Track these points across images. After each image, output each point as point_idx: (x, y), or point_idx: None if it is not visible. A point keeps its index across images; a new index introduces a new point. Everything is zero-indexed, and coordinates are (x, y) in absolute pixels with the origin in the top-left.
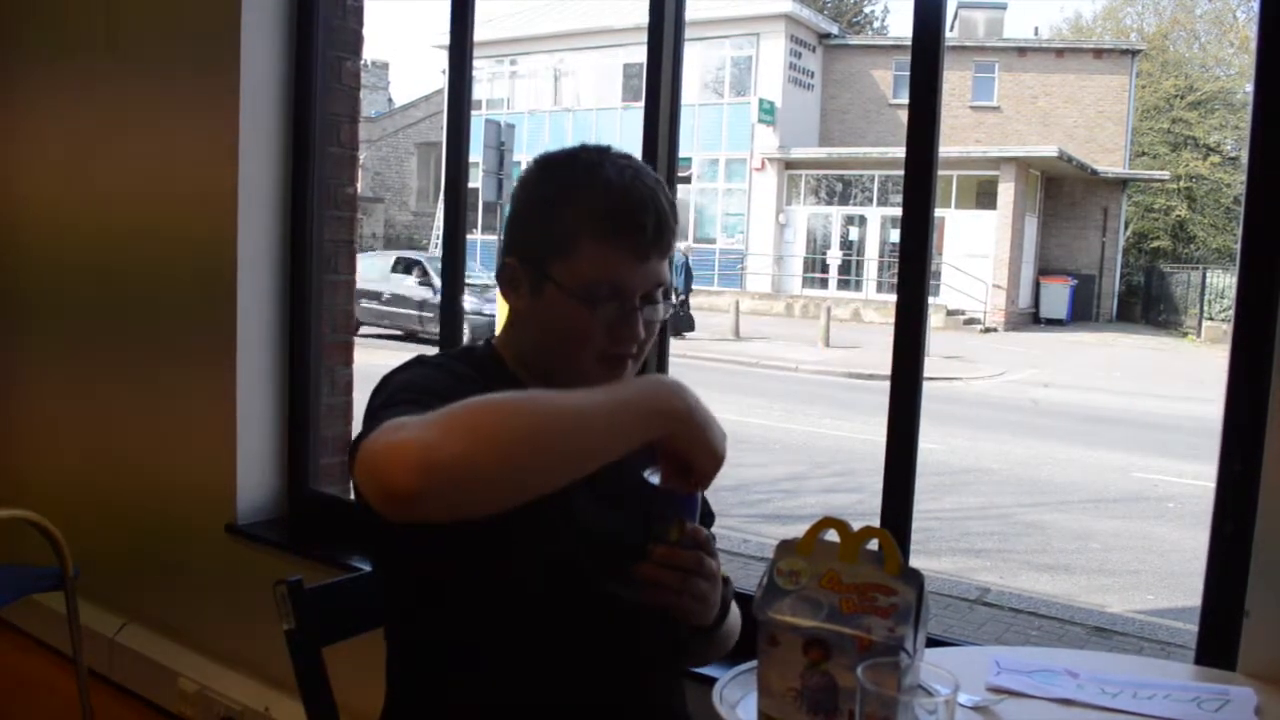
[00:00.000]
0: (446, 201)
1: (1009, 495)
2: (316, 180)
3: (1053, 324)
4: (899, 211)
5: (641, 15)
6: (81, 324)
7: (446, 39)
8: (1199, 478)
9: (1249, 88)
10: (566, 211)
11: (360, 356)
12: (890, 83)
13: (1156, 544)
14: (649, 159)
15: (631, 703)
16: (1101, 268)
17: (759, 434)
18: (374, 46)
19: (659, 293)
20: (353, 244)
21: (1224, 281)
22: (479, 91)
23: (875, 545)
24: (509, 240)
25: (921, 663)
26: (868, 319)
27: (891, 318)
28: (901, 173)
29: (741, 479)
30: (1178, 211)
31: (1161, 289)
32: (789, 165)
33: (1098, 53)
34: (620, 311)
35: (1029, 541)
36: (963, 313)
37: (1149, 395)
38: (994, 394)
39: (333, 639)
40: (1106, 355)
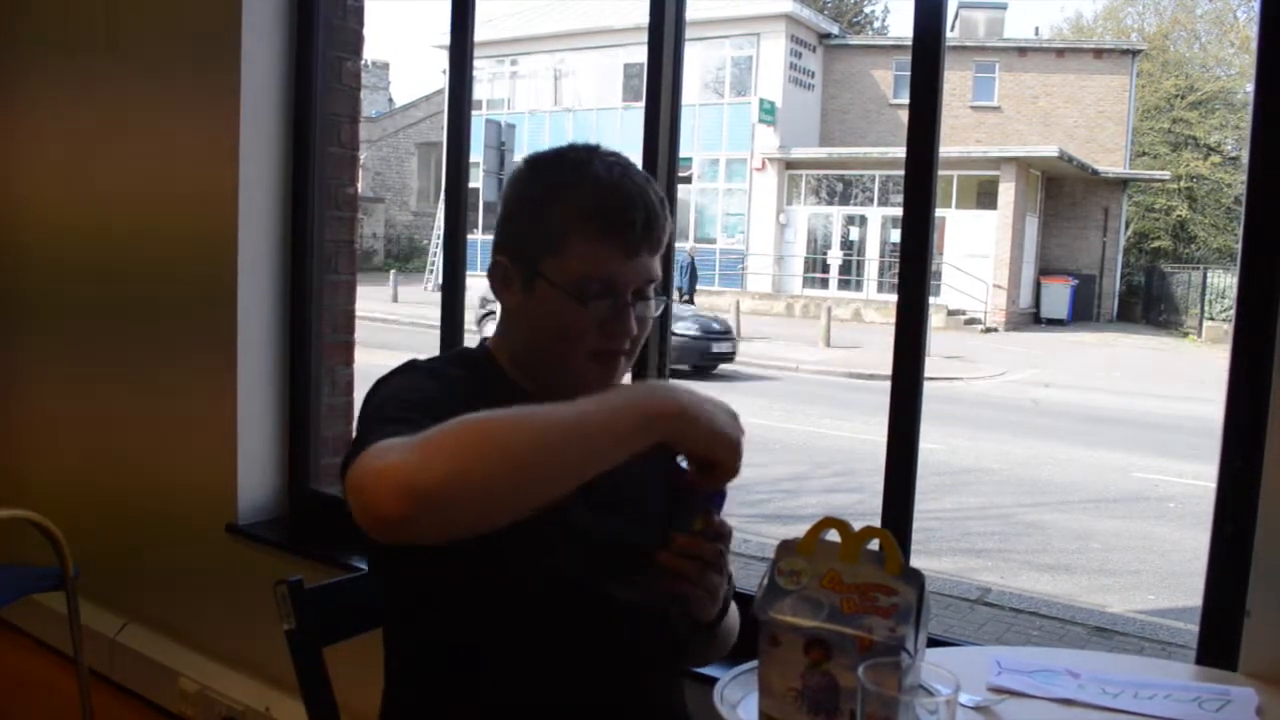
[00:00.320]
0: (447, 201)
1: (1009, 495)
2: (317, 180)
3: (1053, 324)
4: (899, 211)
5: (642, 15)
6: (82, 324)
7: (447, 39)
8: (1199, 478)
9: (1249, 88)
10: (555, 209)
11: (360, 356)
12: (890, 83)
13: (1157, 544)
14: (649, 159)
15: (631, 703)
16: (1102, 268)
17: (759, 434)
18: (374, 46)
19: (651, 289)
20: (353, 244)
21: (1225, 281)
22: (479, 91)
23: (876, 545)
24: (499, 239)
25: (922, 663)
26: (868, 319)
27: (892, 318)
28: (902, 173)
29: (742, 479)
30: (1178, 211)
31: (1162, 289)
32: (789, 165)
33: (1098, 53)
34: (612, 307)
35: (1030, 541)
36: (963, 313)
37: (1149, 395)
38: (995, 394)
39: (333, 639)
40: (1107, 355)
